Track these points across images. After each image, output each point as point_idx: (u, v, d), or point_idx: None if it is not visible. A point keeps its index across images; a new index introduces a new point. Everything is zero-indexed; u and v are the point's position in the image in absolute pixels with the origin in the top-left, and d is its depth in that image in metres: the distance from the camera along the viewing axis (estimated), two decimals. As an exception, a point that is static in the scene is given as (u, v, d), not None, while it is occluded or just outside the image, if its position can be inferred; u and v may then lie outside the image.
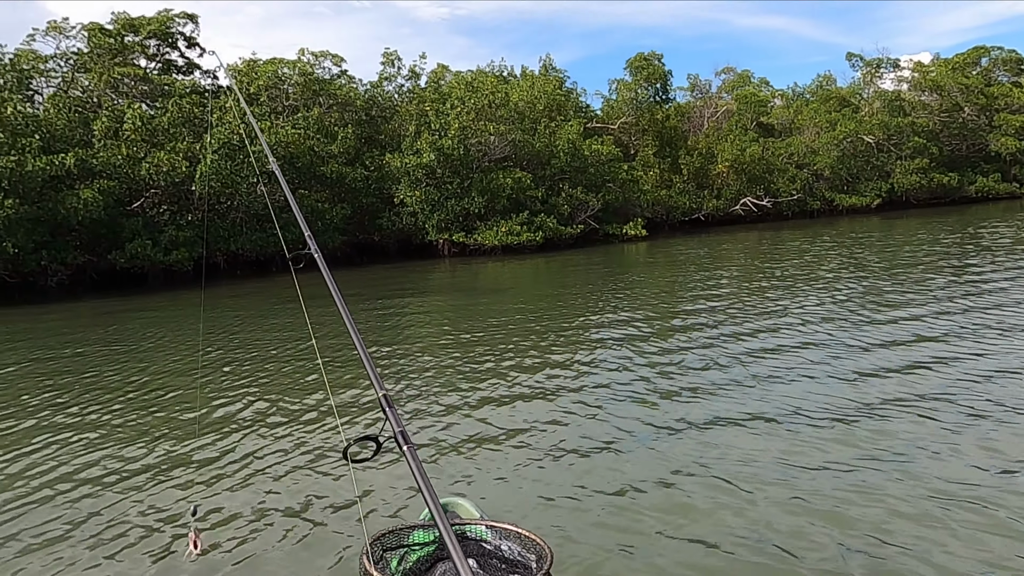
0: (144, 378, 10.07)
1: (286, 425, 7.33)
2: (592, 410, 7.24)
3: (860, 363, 8.35)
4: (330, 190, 32.32)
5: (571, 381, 8.51)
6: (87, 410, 8.37)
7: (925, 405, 6.68)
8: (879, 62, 50.14)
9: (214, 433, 7.17)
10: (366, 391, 8.37)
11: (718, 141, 45.12)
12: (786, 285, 15.53)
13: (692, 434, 6.36)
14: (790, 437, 6.10)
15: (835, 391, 7.36)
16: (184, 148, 27.87)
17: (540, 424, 6.89)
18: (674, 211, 41.13)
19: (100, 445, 6.99)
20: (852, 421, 6.39)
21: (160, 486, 5.84)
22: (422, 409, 7.64)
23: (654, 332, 11.26)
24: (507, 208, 32.64)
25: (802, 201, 44.56)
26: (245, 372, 10.04)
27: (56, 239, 24.17)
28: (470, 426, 6.97)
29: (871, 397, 7.04)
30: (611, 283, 19.17)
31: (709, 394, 7.56)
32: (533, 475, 5.66)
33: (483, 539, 3.30)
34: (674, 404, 7.30)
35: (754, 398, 7.28)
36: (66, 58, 34.42)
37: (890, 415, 6.48)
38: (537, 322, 12.91)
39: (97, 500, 5.63)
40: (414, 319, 15.04)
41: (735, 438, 6.17)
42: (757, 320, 11.57)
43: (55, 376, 10.61)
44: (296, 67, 35.64)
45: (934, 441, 5.78)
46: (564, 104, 41.11)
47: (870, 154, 46.46)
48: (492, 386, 8.45)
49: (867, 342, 9.42)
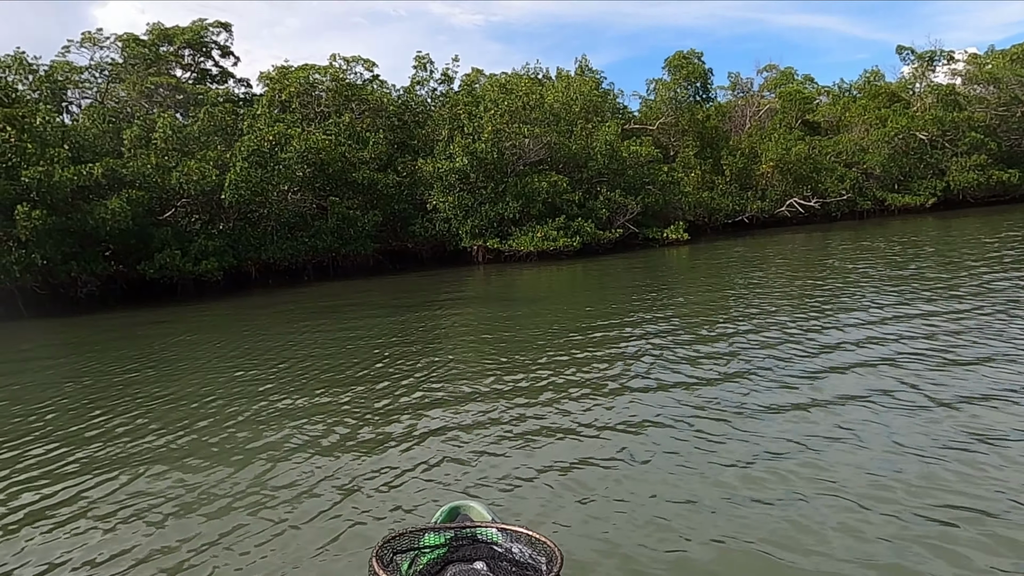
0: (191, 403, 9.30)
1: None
2: (633, 436, 6.57)
3: (933, 388, 7.14)
4: (362, 197, 31.71)
5: (608, 403, 7.62)
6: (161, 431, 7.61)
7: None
8: (932, 55, 47.83)
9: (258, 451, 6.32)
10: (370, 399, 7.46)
11: (761, 140, 43.41)
12: (842, 291, 14.21)
13: (760, 469, 5.28)
14: (830, 469, 5.12)
15: (913, 418, 6.32)
16: (214, 156, 27.49)
17: (573, 444, 6.38)
18: (717, 213, 39.62)
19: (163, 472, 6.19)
20: (936, 460, 5.24)
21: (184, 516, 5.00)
22: (457, 426, 7.28)
23: (700, 349, 10.11)
24: (543, 213, 31.60)
25: (852, 201, 42.60)
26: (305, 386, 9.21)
27: (85, 250, 23.89)
28: (508, 451, 6.52)
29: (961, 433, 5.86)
30: (653, 291, 18.01)
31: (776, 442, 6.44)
32: (573, 496, 5.42)
33: (494, 542, 3.38)
34: (729, 442, 6.21)
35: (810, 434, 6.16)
36: (100, 69, 34.51)
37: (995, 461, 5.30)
38: (574, 336, 11.85)
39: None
40: (446, 331, 14.11)
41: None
42: (819, 336, 10.35)
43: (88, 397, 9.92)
44: (328, 73, 35.17)
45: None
46: (601, 105, 39.89)
47: (923, 151, 44.24)
48: (529, 410, 7.62)
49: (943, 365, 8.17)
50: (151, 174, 25.72)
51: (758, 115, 48.35)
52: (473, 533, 3.45)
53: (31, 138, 22.72)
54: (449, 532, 3.49)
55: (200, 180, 26.05)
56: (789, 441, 6.14)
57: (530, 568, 3.26)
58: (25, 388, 11.22)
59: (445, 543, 3.42)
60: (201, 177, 26.06)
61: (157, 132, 27.24)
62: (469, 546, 3.50)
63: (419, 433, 7.16)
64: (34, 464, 7.00)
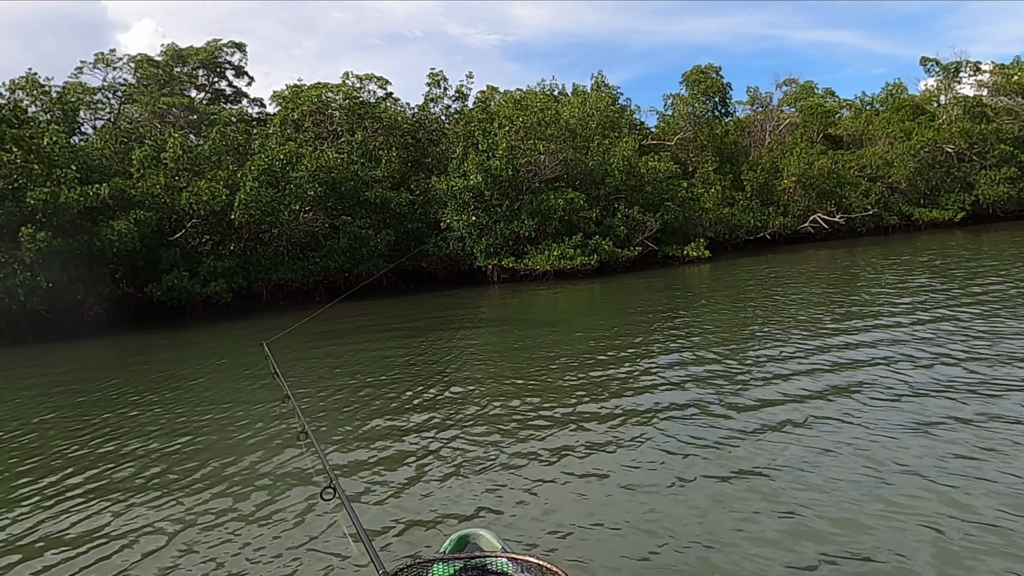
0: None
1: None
2: (654, 469, 5.93)
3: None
4: (375, 215, 31.12)
5: (629, 434, 6.96)
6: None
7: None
8: (957, 65, 46.73)
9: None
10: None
11: (782, 155, 42.45)
12: (872, 312, 13.26)
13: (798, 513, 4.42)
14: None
15: (941, 449, 5.86)
16: (225, 176, 27.05)
17: (594, 471, 6.00)
18: (738, 230, 38.67)
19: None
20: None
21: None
22: (469, 453, 6.97)
23: (724, 377, 9.24)
24: (559, 231, 30.83)
25: (877, 216, 41.49)
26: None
27: (93, 272, 23.40)
28: (522, 480, 6.22)
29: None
30: (674, 311, 17.13)
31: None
32: (589, 527, 5.13)
33: (505, 572, 3.30)
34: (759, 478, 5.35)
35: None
36: (114, 90, 34.38)
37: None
38: (592, 363, 11.01)
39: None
40: (458, 357, 13.32)
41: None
42: (850, 354, 9.44)
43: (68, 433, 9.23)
44: (341, 91, 34.80)
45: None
46: (618, 121, 39.12)
47: (951, 164, 43.09)
48: (548, 441, 7.01)
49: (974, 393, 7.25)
50: (160, 194, 25.30)
51: (778, 129, 47.42)
52: (483, 563, 3.40)
53: (38, 159, 22.36)
54: (459, 562, 3.43)
55: (210, 200, 25.57)
56: (838, 481, 5.41)
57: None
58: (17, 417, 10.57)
59: (455, 574, 3.35)
60: (211, 197, 25.59)
61: (167, 152, 26.86)
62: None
63: (430, 460, 6.88)
64: (39, 493, 6.29)
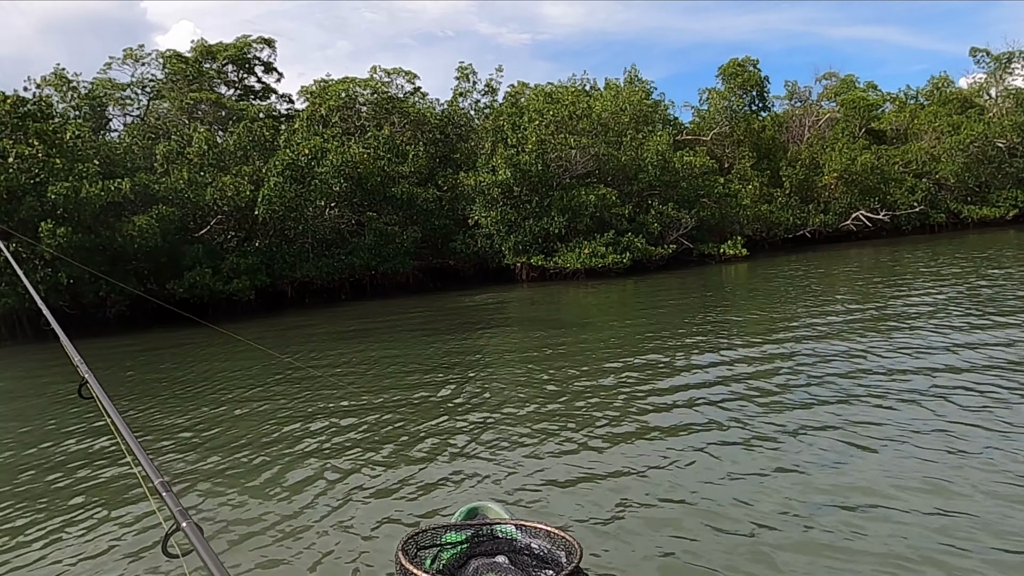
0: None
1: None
2: (689, 476, 5.05)
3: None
4: (401, 212, 30.43)
5: (662, 444, 6.14)
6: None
7: None
8: (1010, 55, 44.63)
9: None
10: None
11: (822, 151, 40.86)
12: (927, 311, 12.12)
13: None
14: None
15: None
16: (250, 171, 26.57)
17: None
18: (776, 228, 37.27)
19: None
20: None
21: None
22: (500, 474, 6.32)
23: (761, 387, 8.26)
24: (590, 228, 29.81)
25: (923, 214, 39.72)
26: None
27: (115, 268, 23.02)
28: (553, 485, 5.87)
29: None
30: (711, 312, 16.10)
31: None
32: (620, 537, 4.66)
33: (513, 538, 3.53)
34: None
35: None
36: (143, 86, 34.21)
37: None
38: (623, 367, 10.09)
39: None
40: (486, 359, 12.50)
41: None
42: (903, 363, 8.40)
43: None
44: (368, 86, 34.21)
45: None
46: (651, 115, 37.90)
47: (1002, 159, 41.11)
48: (575, 454, 6.21)
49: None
50: (183, 190, 24.88)
51: (817, 124, 45.77)
52: (492, 531, 3.57)
53: (59, 153, 22.03)
54: (469, 530, 3.59)
55: (234, 196, 25.10)
56: (872, 491, 4.77)
57: (550, 561, 3.30)
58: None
59: (465, 540, 3.52)
60: (235, 192, 25.12)
61: (192, 147, 26.47)
62: (489, 542, 3.59)
63: (455, 461, 6.61)
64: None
